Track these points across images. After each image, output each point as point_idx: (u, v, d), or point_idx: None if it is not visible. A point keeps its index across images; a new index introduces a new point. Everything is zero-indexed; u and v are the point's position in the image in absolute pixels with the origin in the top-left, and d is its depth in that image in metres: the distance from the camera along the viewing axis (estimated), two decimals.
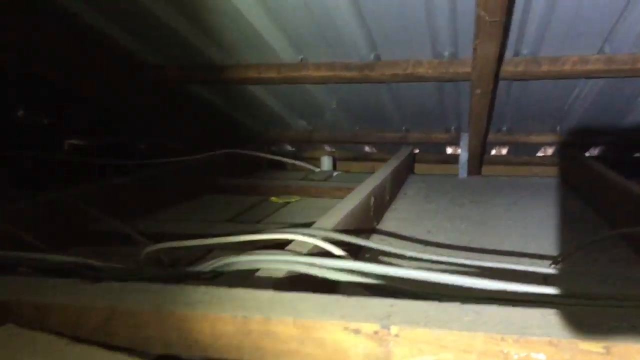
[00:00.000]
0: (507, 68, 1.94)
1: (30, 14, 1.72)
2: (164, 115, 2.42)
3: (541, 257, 1.47)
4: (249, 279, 0.94)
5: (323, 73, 2.12)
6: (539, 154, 3.10)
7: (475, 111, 2.10)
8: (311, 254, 1.10)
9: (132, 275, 0.99)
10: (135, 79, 2.27)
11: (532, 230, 1.75)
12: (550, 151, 3.10)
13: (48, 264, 1.09)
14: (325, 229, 1.24)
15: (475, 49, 1.60)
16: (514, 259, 1.45)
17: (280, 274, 0.94)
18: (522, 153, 3.05)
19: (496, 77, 1.89)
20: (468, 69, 1.95)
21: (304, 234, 1.16)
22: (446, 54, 2.01)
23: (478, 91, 1.89)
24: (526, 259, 1.45)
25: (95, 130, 3.22)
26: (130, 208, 1.87)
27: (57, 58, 1.84)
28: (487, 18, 1.29)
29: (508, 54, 1.94)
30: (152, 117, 2.38)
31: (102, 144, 3.23)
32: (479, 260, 1.25)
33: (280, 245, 1.16)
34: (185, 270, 1.01)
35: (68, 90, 2.01)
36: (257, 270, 0.97)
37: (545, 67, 1.93)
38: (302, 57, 2.17)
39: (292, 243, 1.14)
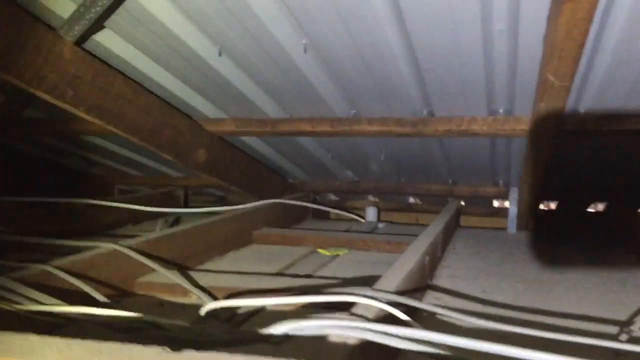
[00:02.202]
0: (567, 126, 1.91)
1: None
2: (211, 164, 2.45)
3: (608, 321, 1.41)
4: (318, 345, 0.92)
5: (376, 128, 2.13)
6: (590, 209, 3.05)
7: (531, 168, 2.07)
8: (377, 319, 1.08)
9: (200, 334, 0.99)
10: (195, 132, 2.32)
11: (594, 292, 1.69)
12: (600, 207, 3.04)
13: (114, 321, 1.09)
14: (388, 292, 1.22)
15: (538, 110, 1.59)
16: (580, 322, 1.40)
17: (352, 342, 0.92)
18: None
19: (555, 135, 1.86)
20: (523, 126, 1.93)
21: (368, 297, 1.14)
22: (501, 110, 2.00)
23: (535, 149, 1.87)
24: (592, 323, 1.40)
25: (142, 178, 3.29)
26: (178, 258, 1.88)
27: (124, 112, 1.90)
28: (556, 83, 1.28)
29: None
30: (203, 167, 2.41)
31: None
32: (541, 324, 1.21)
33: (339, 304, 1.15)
34: (255, 334, 1.00)
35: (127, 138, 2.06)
36: (325, 335, 0.96)
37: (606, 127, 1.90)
38: (354, 111, 2.19)
39: (357, 306, 1.13)
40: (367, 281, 1.62)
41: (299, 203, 2.84)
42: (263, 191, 2.80)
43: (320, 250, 2.21)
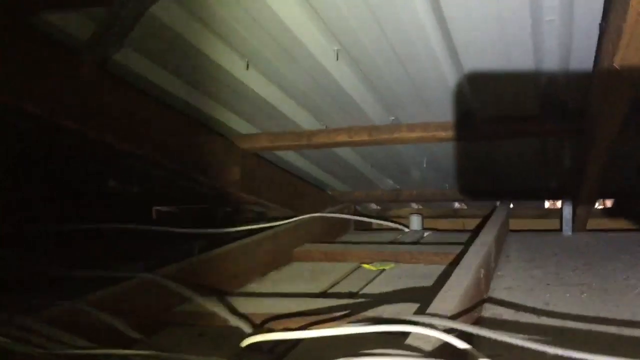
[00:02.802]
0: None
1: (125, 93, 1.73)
2: (246, 182, 2.38)
3: None
4: None
5: (417, 134, 2.03)
6: None
7: (590, 166, 1.92)
8: (435, 350, 0.96)
9: None
10: (227, 150, 2.26)
11: None
12: None
13: None
14: (444, 317, 1.10)
15: (599, 105, 1.45)
16: None
17: None
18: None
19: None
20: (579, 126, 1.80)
21: (423, 326, 1.03)
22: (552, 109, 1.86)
23: (594, 147, 1.73)
24: None
25: (182, 197, 3.24)
26: (218, 282, 1.81)
27: (152, 134, 1.84)
28: (623, 74, 1.14)
29: None
30: (238, 186, 2.34)
31: (189, 210, 3.23)
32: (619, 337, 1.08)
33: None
34: None
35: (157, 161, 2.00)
36: None
37: None
38: (393, 117, 2.08)
39: (411, 336, 1.01)
40: (419, 298, 1.52)
41: (339, 215, 2.75)
42: (302, 205, 2.71)
43: (365, 266, 2.11)
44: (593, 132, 1.72)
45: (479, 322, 1.44)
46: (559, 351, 0.93)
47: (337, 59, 1.67)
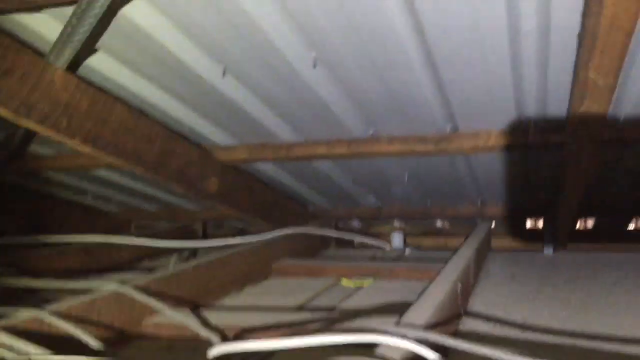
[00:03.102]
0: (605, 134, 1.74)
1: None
2: (224, 194, 2.34)
3: None
4: None
5: (397, 147, 2.00)
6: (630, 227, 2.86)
7: (569, 182, 1.90)
8: None
9: None
10: (205, 161, 2.23)
11: None
12: None
13: None
14: (416, 327, 1.07)
15: (575, 115, 1.44)
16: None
17: None
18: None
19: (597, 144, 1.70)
20: (559, 137, 1.78)
21: (393, 335, 1.00)
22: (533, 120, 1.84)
23: (573, 160, 1.71)
24: None
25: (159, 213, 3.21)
26: (192, 296, 1.78)
27: (125, 142, 1.80)
28: (599, 82, 1.13)
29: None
30: (216, 197, 2.30)
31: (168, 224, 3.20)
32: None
33: None
34: None
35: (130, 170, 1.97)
36: None
37: None
38: (372, 131, 2.06)
39: (381, 346, 0.98)
40: (395, 312, 1.50)
41: (319, 231, 2.72)
42: (282, 220, 2.68)
43: (344, 282, 2.08)
44: (574, 147, 1.71)
45: (456, 335, 1.41)
46: None
47: (315, 67, 1.64)
